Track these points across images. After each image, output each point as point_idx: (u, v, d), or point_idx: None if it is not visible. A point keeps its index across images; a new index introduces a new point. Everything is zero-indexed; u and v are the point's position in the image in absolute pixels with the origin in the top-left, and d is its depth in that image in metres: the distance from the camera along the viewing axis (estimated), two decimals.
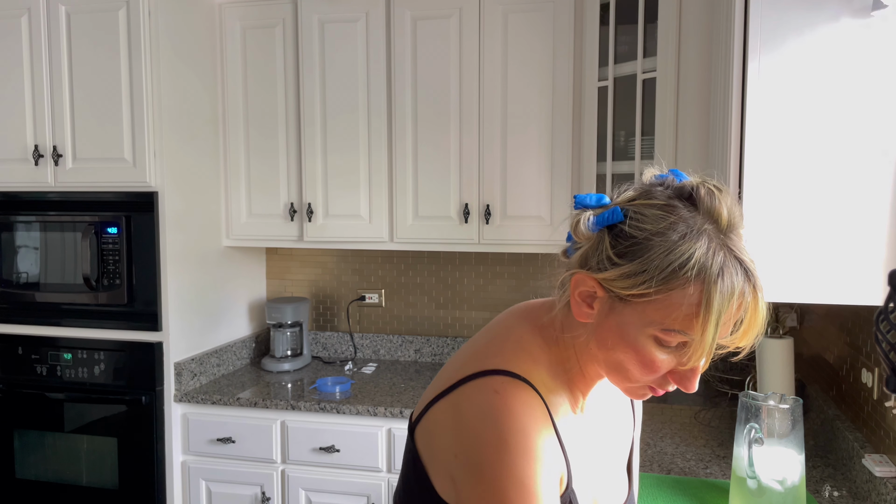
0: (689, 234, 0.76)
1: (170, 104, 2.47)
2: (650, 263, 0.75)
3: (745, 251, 0.78)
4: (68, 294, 2.53)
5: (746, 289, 0.76)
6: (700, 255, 0.75)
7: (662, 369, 0.80)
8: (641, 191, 0.82)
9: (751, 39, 1.34)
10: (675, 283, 0.75)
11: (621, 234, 0.78)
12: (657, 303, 0.76)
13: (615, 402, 1.00)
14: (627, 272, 0.77)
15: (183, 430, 2.54)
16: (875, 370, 1.66)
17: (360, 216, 2.67)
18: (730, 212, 0.78)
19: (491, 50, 2.51)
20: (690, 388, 0.80)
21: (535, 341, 0.87)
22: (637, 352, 0.79)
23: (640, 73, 2.11)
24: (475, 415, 0.79)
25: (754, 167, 1.35)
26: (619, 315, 0.79)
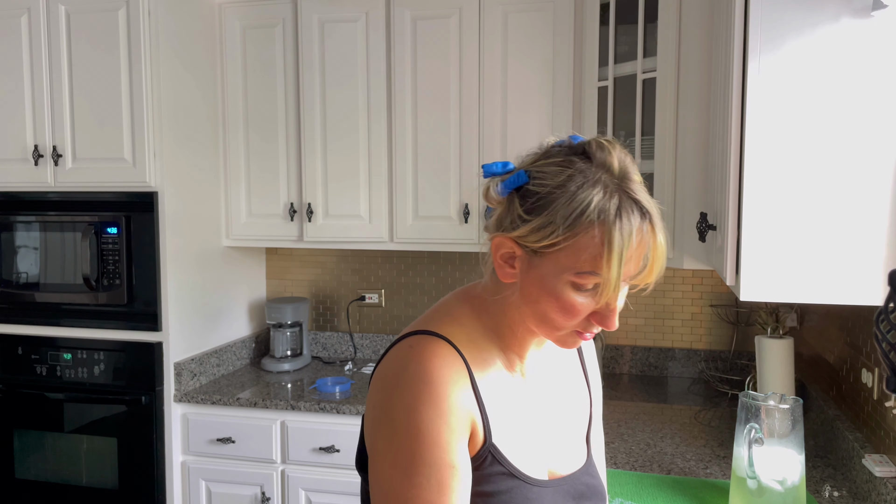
0: (586, 183, 0.82)
1: (170, 104, 2.47)
2: (555, 215, 0.82)
3: (640, 193, 0.84)
4: (68, 294, 2.53)
5: (644, 226, 0.82)
6: (598, 200, 0.81)
7: (583, 312, 0.86)
8: (541, 152, 0.89)
9: (751, 39, 1.34)
10: (580, 228, 0.81)
11: (528, 193, 0.85)
12: (567, 250, 0.83)
13: (566, 374, 1.06)
14: (537, 226, 0.83)
15: (183, 430, 2.54)
16: (875, 370, 1.66)
17: (359, 216, 2.67)
18: (621, 161, 0.84)
19: (491, 50, 2.51)
20: (611, 326, 0.87)
21: (462, 308, 0.95)
22: (558, 299, 0.85)
23: (640, 73, 2.11)
24: (391, 368, 0.88)
25: (754, 167, 1.35)
26: (538, 269, 0.86)
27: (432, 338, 0.89)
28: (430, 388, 0.84)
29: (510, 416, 0.93)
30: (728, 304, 2.70)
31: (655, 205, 0.85)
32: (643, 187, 0.85)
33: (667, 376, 2.77)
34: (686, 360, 2.76)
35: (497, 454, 0.90)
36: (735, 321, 2.67)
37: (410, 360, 0.87)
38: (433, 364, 0.86)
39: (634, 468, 1.88)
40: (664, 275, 2.89)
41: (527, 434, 0.95)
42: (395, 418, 0.84)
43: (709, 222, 1.64)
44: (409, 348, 0.89)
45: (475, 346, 0.92)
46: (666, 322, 2.78)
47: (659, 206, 0.85)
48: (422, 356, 0.87)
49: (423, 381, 0.84)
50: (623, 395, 2.51)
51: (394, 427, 0.84)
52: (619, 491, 1.73)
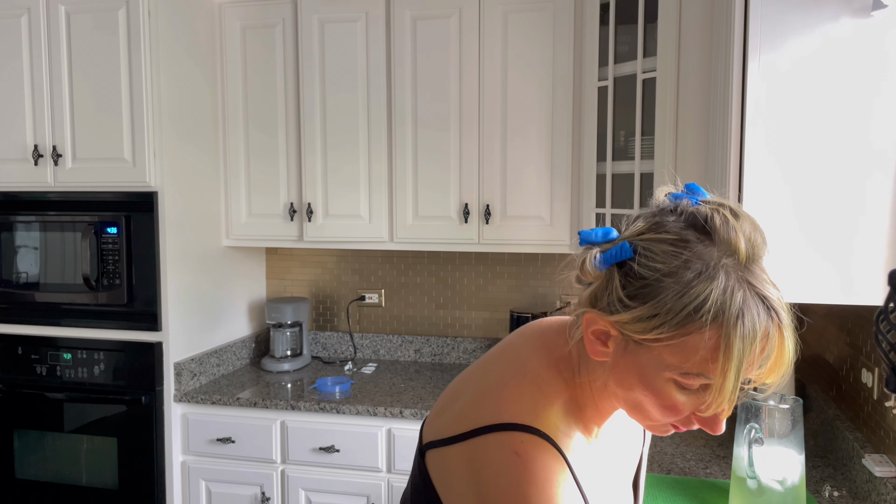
0: (704, 272, 0.69)
1: (170, 104, 2.47)
2: (663, 307, 0.70)
3: (767, 283, 0.71)
4: (68, 294, 2.53)
5: (770, 328, 0.70)
6: (716, 297, 0.68)
7: (684, 411, 0.75)
8: (651, 222, 0.75)
9: (751, 39, 1.34)
10: (692, 327, 0.69)
11: (631, 272, 0.73)
12: (673, 347, 0.71)
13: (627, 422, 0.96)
14: (640, 315, 0.71)
15: (183, 430, 2.54)
16: (875, 370, 1.66)
17: (359, 216, 2.67)
18: (749, 241, 0.71)
19: (491, 50, 2.51)
20: (716, 431, 0.75)
21: (550, 379, 0.82)
22: (657, 395, 0.74)
23: (640, 73, 2.11)
24: (495, 477, 0.75)
25: (754, 167, 1.35)
26: (635, 356, 0.74)
27: (536, 441, 0.76)
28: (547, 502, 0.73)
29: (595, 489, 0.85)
30: None
31: (783, 301, 0.71)
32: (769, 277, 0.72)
33: None
34: None
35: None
36: None
37: (522, 476, 0.74)
38: (546, 478, 0.74)
39: None
40: None
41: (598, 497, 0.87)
42: None
43: None
44: (514, 455, 0.75)
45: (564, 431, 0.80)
46: None
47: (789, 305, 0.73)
48: (532, 471, 0.74)
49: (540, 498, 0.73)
50: None
51: None
52: None
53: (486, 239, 2.57)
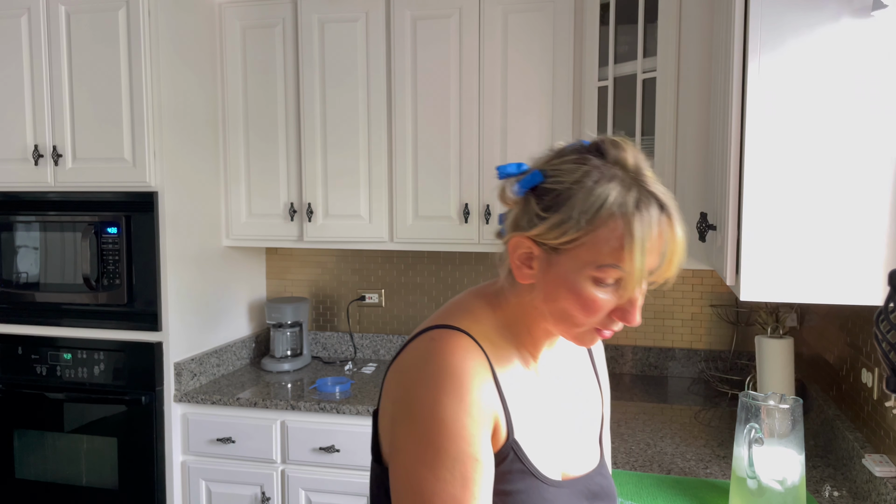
0: (603, 178, 0.83)
1: (170, 104, 2.47)
2: (574, 210, 0.83)
3: (656, 186, 0.85)
4: (68, 294, 2.53)
5: (662, 218, 0.83)
6: (617, 194, 0.82)
7: (604, 308, 0.86)
8: (554, 153, 0.90)
9: (751, 39, 1.34)
10: (599, 221, 0.82)
11: (544, 191, 0.86)
12: (587, 244, 0.83)
13: (578, 374, 1.06)
14: (556, 222, 0.84)
15: (183, 430, 2.54)
16: (875, 370, 1.66)
17: (360, 216, 2.67)
18: (635, 157, 0.86)
19: (491, 50, 2.51)
20: (632, 321, 0.86)
21: (479, 305, 0.95)
22: (579, 295, 0.85)
23: (640, 73, 2.11)
24: (412, 361, 0.87)
25: (754, 167, 1.35)
26: (557, 266, 0.86)
27: (454, 331, 0.88)
28: (453, 380, 0.83)
29: (529, 412, 0.93)
30: (728, 304, 2.70)
31: (672, 197, 0.85)
32: (658, 181, 0.86)
33: (667, 376, 2.77)
34: (686, 360, 2.76)
35: (519, 451, 0.89)
36: (735, 321, 2.67)
37: (433, 353, 0.86)
38: (456, 357, 0.85)
39: (634, 468, 1.88)
40: None
41: (544, 433, 0.95)
42: (417, 412, 0.83)
43: (709, 222, 1.64)
44: (430, 341, 0.88)
45: (493, 343, 0.91)
46: (666, 322, 2.78)
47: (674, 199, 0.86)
48: (444, 349, 0.86)
49: (446, 374, 0.83)
50: (623, 395, 2.51)
51: (416, 421, 0.83)
52: (619, 491, 1.73)
53: (486, 239, 2.58)
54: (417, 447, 0.82)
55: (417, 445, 0.83)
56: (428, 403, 0.83)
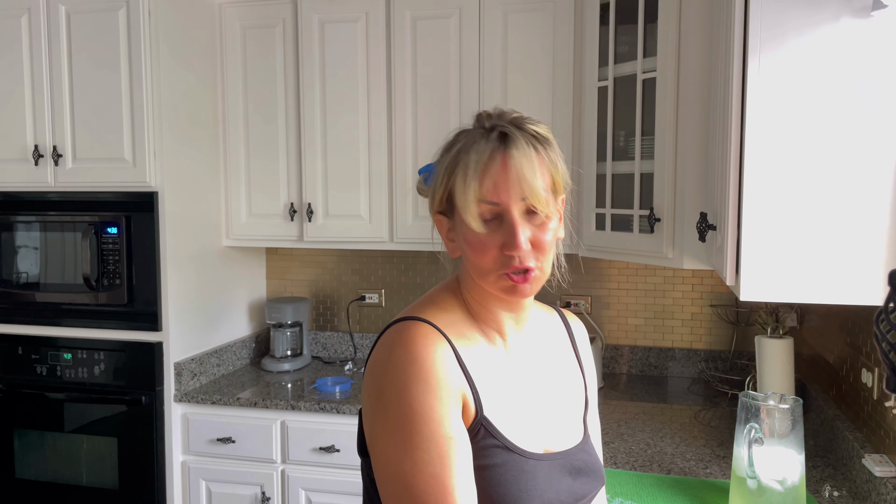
0: (459, 137, 0.96)
1: (170, 104, 2.47)
2: (440, 168, 0.96)
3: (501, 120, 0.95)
4: (68, 294, 2.53)
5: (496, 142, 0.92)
6: (462, 141, 0.94)
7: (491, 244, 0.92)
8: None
9: (751, 39, 1.34)
10: (452, 166, 0.94)
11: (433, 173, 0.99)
12: (455, 193, 0.93)
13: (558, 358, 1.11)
14: (433, 187, 0.98)
15: (183, 430, 2.54)
16: (875, 370, 1.66)
17: (360, 216, 2.67)
18: (496, 111, 0.96)
19: (491, 50, 2.51)
20: (515, 245, 0.91)
21: (443, 295, 1.02)
22: (471, 243, 0.93)
23: (640, 73, 2.11)
24: (379, 354, 0.93)
25: (754, 167, 1.35)
26: (458, 227, 0.96)
27: (415, 321, 0.94)
28: (416, 365, 0.88)
29: (499, 389, 0.97)
30: (728, 304, 2.70)
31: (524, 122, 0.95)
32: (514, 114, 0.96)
33: (667, 376, 2.77)
34: (686, 360, 2.76)
35: (490, 427, 0.93)
36: (735, 321, 2.67)
37: (396, 344, 0.91)
38: (417, 344, 0.90)
39: (634, 468, 1.88)
40: (664, 274, 2.88)
41: (519, 409, 0.99)
42: (387, 400, 0.88)
43: (709, 222, 1.64)
44: (395, 333, 0.94)
45: (457, 328, 0.97)
46: (666, 322, 2.78)
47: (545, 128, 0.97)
48: (406, 338, 0.91)
49: (409, 361, 0.89)
50: (623, 395, 2.51)
51: (388, 409, 0.88)
52: (619, 491, 1.73)
53: None
54: (392, 434, 0.87)
55: (392, 432, 0.87)
56: (396, 391, 0.87)
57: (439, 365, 0.89)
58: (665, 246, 2.02)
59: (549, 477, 0.97)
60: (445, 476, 0.85)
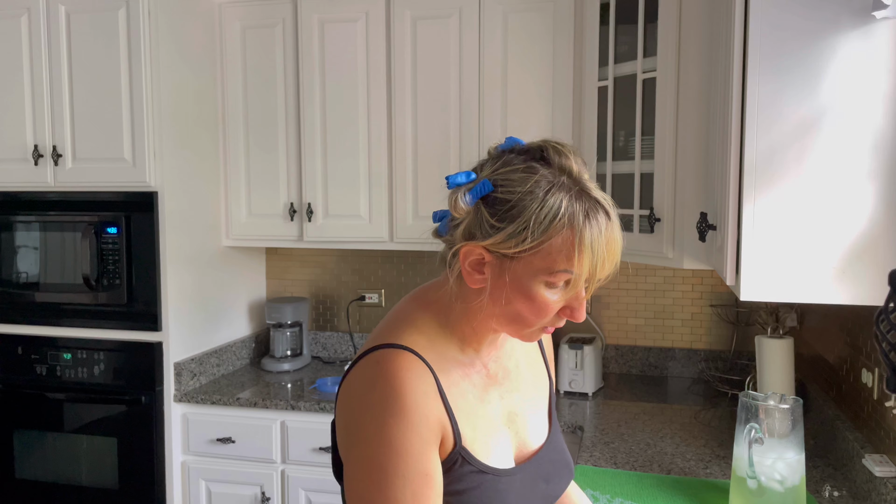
0: (553, 187, 0.87)
1: (170, 104, 2.47)
2: (529, 220, 0.86)
3: (598, 192, 0.90)
4: (68, 294, 2.53)
5: (607, 224, 0.89)
6: (567, 204, 0.86)
7: (555, 309, 0.91)
8: (499, 160, 0.93)
9: (751, 39, 1.34)
10: (553, 231, 0.86)
11: (495, 201, 0.89)
12: (541, 253, 0.87)
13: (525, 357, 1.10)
14: (511, 233, 0.87)
15: (183, 430, 2.54)
16: (875, 370, 1.66)
17: (359, 216, 2.67)
18: (577, 163, 0.90)
19: (491, 50, 2.51)
20: (580, 317, 0.92)
21: (420, 315, 0.97)
22: (532, 299, 0.89)
23: (640, 73, 2.11)
24: (358, 386, 0.90)
25: (754, 167, 1.35)
26: (510, 272, 0.89)
27: (397, 350, 0.90)
28: (399, 402, 0.86)
29: (476, 414, 0.96)
30: (728, 304, 2.70)
31: (611, 202, 0.91)
32: (597, 186, 0.92)
33: (667, 376, 2.77)
34: (686, 360, 2.76)
35: (467, 455, 0.93)
36: (735, 321, 2.67)
37: (377, 377, 0.88)
38: (400, 378, 0.87)
39: (634, 468, 1.88)
40: (664, 274, 2.89)
41: (493, 426, 0.99)
42: (366, 435, 0.86)
43: (709, 222, 1.64)
44: (375, 364, 0.90)
45: (437, 352, 0.94)
46: (666, 322, 2.78)
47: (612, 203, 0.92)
48: (388, 371, 0.88)
49: (391, 397, 0.86)
50: (623, 395, 2.51)
51: (366, 443, 0.86)
52: (619, 491, 1.73)
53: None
54: (367, 471, 0.86)
55: (367, 469, 0.86)
56: (375, 427, 0.85)
57: (422, 400, 0.87)
58: (665, 246, 2.02)
59: (523, 489, 0.98)
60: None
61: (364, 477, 0.86)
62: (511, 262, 0.88)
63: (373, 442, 0.85)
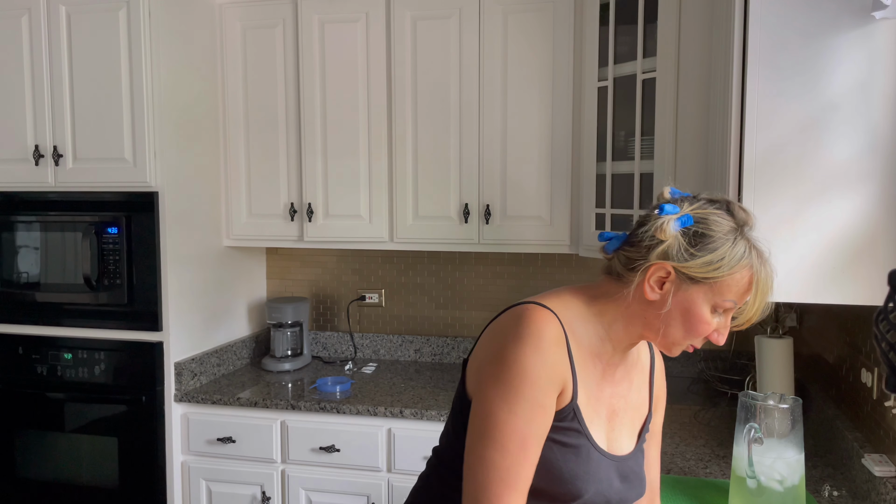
0: (740, 237, 1.08)
1: (170, 104, 2.47)
2: (724, 256, 1.06)
3: (761, 244, 1.10)
4: (68, 294, 2.53)
5: (771, 272, 1.08)
6: (749, 249, 1.07)
7: (709, 331, 1.08)
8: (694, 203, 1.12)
9: (750, 39, 1.34)
10: (737, 268, 1.06)
11: (694, 234, 1.08)
12: (721, 283, 1.06)
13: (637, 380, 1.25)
14: (706, 262, 1.06)
15: (183, 429, 2.54)
16: (875, 370, 1.67)
17: (360, 216, 2.67)
18: (752, 220, 1.11)
19: (491, 50, 2.51)
20: (721, 341, 1.10)
21: (572, 297, 1.15)
22: (699, 319, 1.07)
23: (639, 73, 2.11)
24: (506, 322, 1.09)
25: (754, 167, 1.35)
26: (687, 293, 1.07)
27: (544, 308, 1.08)
28: (538, 342, 1.04)
29: (590, 388, 1.13)
30: None
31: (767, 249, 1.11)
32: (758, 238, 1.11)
33: (666, 376, 2.76)
34: (685, 360, 2.76)
35: (578, 414, 1.10)
36: None
37: (523, 318, 1.06)
38: (542, 325, 1.05)
39: None
40: None
41: (599, 409, 1.15)
42: (504, 360, 1.04)
43: None
44: (524, 310, 1.08)
45: (575, 326, 1.11)
46: None
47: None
48: (533, 318, 1.06)
49: (533, 336, 1.04)
50: None
51: (503, 366, 1.03)
52: None
53: (486, 239, 2.58)
54: (500, 386, 1.03)
55: (501, 385, 1.03)
56: (514, 354, 1.03)
57: (555, 347, 1.05)
58: None
59: (607, 472, 1.13)
60: (528, 434, 1.02)
61: (496, 391, 1.03)
62: (691, 284, 1.07)
63: (510, 365, 1.03)
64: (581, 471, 1.10)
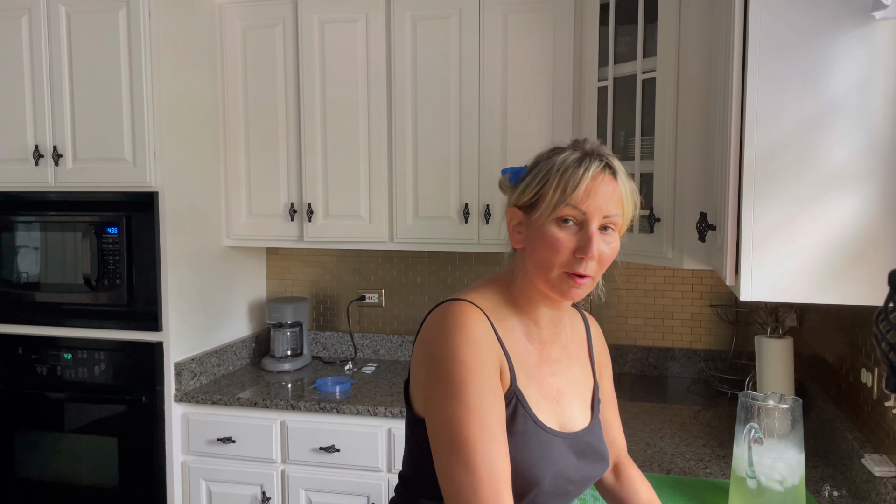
0: (557, 152, 1.11)
1: (170, 104, 2.47)
2: (537, 173, 1.11)
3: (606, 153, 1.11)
4: (68, 294, 2.53)
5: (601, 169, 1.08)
6: (566, 156, 1.09)
7: (567, 245, 1.07)
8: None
9: (750, 39, 1.34)
10: (551, 176, 1.08)
11: (526, 175, 1.14)
12: (544, 195, 1.08)
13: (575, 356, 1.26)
14: (524, 185, 1.12)
15: (183, 430, 2.54)
16: (875, 370, 1.66)
17: (360, 216, 2.67)
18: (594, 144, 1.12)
19: (491, 50, 2.51)
20: (591, 252, 1.05)
21: (486, 286, 1.17)
22: (546, 237, 1.07)
23: (639, 73, 2.11)
24: (430, 325, 1.09)
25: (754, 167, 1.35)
26: (534, 223, 1.10)
27: (459, 301, 1.09)
28: (464, 332, 1.04)
29: (528, 371, 1.13)
30: (728, 304, 2.70)
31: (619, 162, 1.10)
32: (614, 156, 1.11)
33: (667, 376, 2.77)
34: (686, 360, 2.76)
35: (521, 398, 1.09)
36: (735, 321, 2.67)
37: (446, 316, 1.07)
38: (464, 317, 1.06)
39: None
40: (664, 274, 2.89)
41: (541, 390, 1.14)
42: (441, 361, 1.03)
43: (709, 222, 1.64)
44: (443, 309, 1.09)
45: (497, 313, 1.12)
46: (666, 322, 2.78)
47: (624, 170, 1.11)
48: (454, 312, 1.06)
49: (458, 329, 1.04)
50: (623, 395, 2.51)
51: (442, 367, 1.02)
52: None
53: (486, 239, 2.58)
54: (446, 386, 1.01)
55: (446, 385, 1.01)
56: (448, 351, 1.03)
57: (483, 332, 1.05)
58: (665, 246, 2.03)
59: (560, 452, 1.11)
60: (492, 421, 1.00)
61: (445, 393, 1.01)
62: (532, 212, 1.10)
63: (449, 363, 1.02)
64: (535, 457, 1.08)
